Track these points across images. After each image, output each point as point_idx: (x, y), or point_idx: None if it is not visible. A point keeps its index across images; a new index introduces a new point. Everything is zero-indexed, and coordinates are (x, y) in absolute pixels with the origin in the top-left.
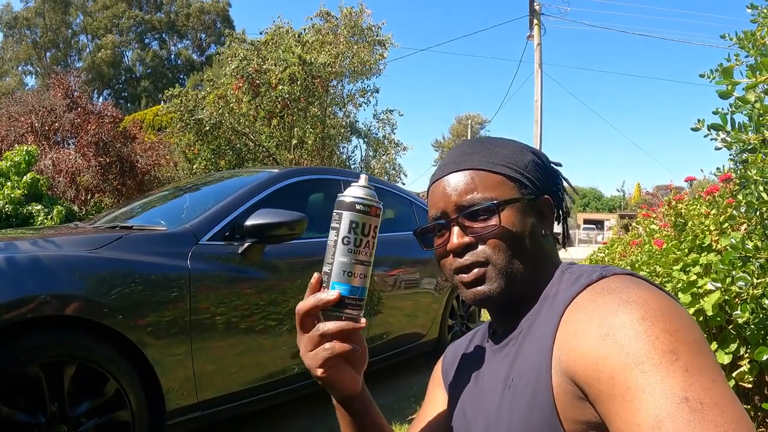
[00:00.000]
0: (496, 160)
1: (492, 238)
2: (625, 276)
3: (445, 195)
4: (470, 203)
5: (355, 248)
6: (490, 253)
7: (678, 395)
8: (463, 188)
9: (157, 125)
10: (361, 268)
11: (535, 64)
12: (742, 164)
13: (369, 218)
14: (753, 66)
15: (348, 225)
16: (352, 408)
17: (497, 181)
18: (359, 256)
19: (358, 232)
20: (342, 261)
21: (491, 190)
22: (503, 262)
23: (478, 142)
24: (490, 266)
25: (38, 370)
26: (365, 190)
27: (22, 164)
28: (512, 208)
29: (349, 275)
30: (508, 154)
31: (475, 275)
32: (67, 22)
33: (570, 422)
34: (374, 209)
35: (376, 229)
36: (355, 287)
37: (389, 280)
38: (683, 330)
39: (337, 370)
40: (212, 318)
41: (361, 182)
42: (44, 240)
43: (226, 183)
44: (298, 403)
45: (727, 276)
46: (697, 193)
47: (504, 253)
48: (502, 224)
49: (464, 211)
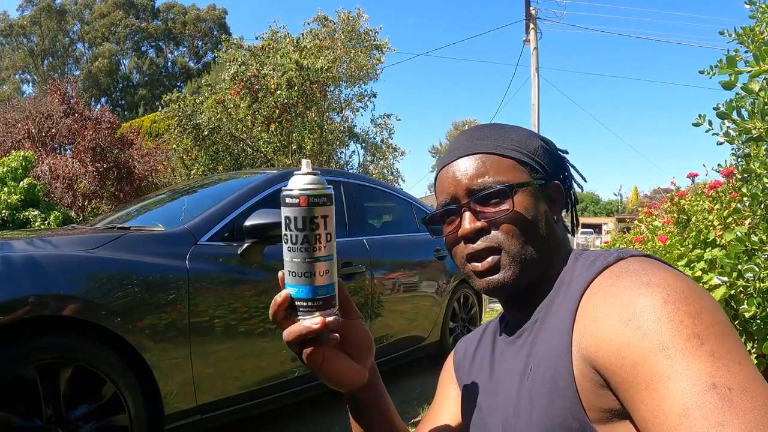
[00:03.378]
0: (507, 144)
1: (505, 223)
2: (643, 258)
3: (455, 180)
4: (482, 187)
5: (294, 245)
6: (503, 238)
7: (705, 381)
8: (473, 172)
9: (154, 132)
10: (303, 266)
11: (532, 68)
12: (744, 158)
13: (302, 210)
14: (757, 55)
15: (284, 221)
16: (358, 401)
17: (508, 164)
18: (300, 253)
19: (293, 227)
20: (286, 260)
21: (503, 174)
22: (517, 247)
23: (486, 128)
24: (503, 253)
25: (34, 373)
26: (300, 179)
27: (19, 170)
28: (524, 192)
29: (296, 275)
30: (518, 139)
31: (489, 264)
32: (64, 30)
33: (593, 410)
34: (304, 199)
35: (318, 220)
36: (305, 287)
37: (389, 283)
38: (707, 312)
39: (330, 365)
40: (211, 320)
41: (302, 170)
42: (40, 240)
43: (224, 185)
44: (299, 407)
45: (733, 270)
46: (699, 189)
47: (518, 238)
48: (516, 208)
49: (476, 196)
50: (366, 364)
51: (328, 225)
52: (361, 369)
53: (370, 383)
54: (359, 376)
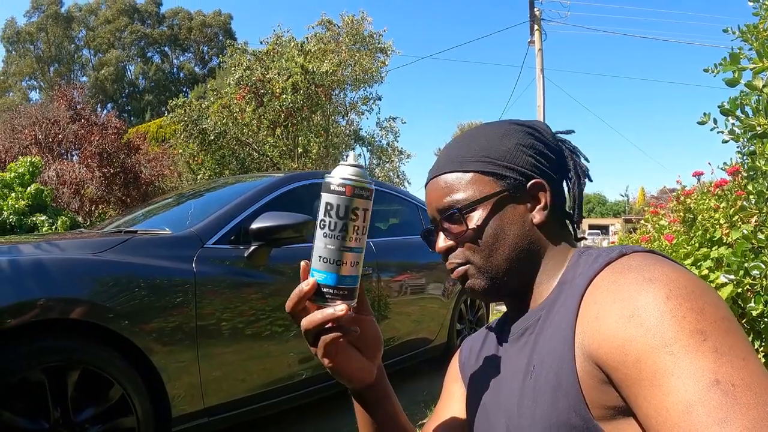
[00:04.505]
0: (470, 156)
1: (466, 241)
2: (646, 253)
3: (429, 200)
4: (445, 207)
5: (331, 232)
6: (469, 254)
7: (708, 378)
8: (440, 193)
9: (160, 137)
10: (336, 253)
11: (537, 69)
12: (749, 156)
13: (345, 199)
14: (760, 52)
15: (324, 207)
16: (365, 399)
17: (468, 180)
18: (335, 240)
19: (333, 214)
20: (318, 246)
21: (463, 191)
22: (480, 261)
23: (458, 140)
24: (470, 266)
25: (41, 375)
26: (345, 169)
27: (26, 175)
28: (485, 205)
29: (326, 261)
30: (484, 146)
31: (458, 274)
32: (70, 36)
33: (597, 408)
34: (349, 189)
35: (359, 212)
36: (332, 274)
37: (396, 286)
38: (710, 307)
39: (342, 359)
40: (218, 322)
41: (348, 161)
42: (48, 243)
43: (230, 188)
44: (305, 409)
45: (740, 268)
46: (705, 188)
47: (479, 254)
48: (472, 227)
49: (443, 215)
50: (375, 361)
51: (365, 218)
52: (371, 366)
53: (377, 381)
54: (368, 373)
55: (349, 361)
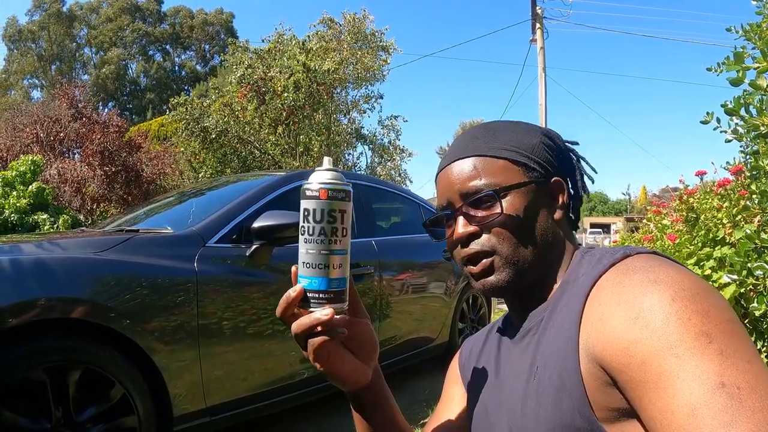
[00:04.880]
0: (500, 145)
1: (496, 226)
2: (651, 254)
3: (449, 184)
4: (473, 191)
5: (311, 237)
6: (495, 241)
7: (714, 381)
8: (465, 176)
9: (162, 135)
10: (318, 257)
11: (539, 67)
12: (753, 155)
13: (321, 202)
14: (764, 51)
15: (302, 213)
16: (361, 401)
17: (500, 166)
18: (315, 244)
19: (311, 219)
20: (301, 252)
21: (494, 176)
22: (509, 250)
23: (482, 128)
24: (496, 256)
25: (43, 375)
26: (321, 174)
27: (28, 174)
28: (517, 193)
29: (309, 266)
30: (513, 137)
31: (482, 266)
32: (72, 35)
33: (601, 409)
34: (324, 192)
35: (336, 214)
36: (317, 279)
37: (398, 284)
38: (715, 310)
39: (335, 362)
40: (220, 321)
41: (323, 166)
42: (49, 243)
43: (232, 187)
44: (306, 409)
45: (742, 268)
46: (708, 187)
47: (509, 241)
48: (506, 211)
49: (468, 200)
50: (370, 363)
51: (344, 220)
52: (365, 368)
53: (373, 383)
54: (362, 375)
55: (342, 364)
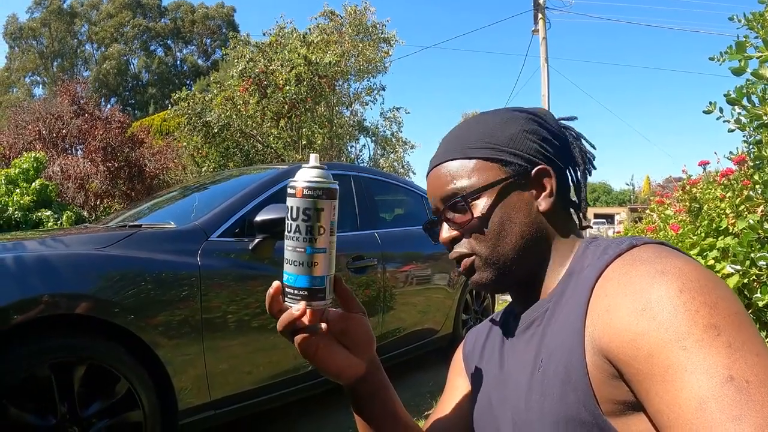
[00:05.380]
0: (471, 143)
1: (471, 231)
2: (657, 245)
3: (432, 189)
4: (449, 196)
5: (292, 234)
6: (474, 244)
7: (722, 374)
8: (442, 181)
9: (164, 130)
10: (295, 254)
11: (541, 58)
12: (756, 145)
13: (296, 200)
14: (767, 40)
15: (287, 211)
16: (357, 393)
17: (473, 166)
18: (293, 242)
19: (292, 217)
20: (285, 248)
21: (467, 178)
22: (486, 251)
23: (458, 128)
24: (475, 257)
25: (48, 371)
26: (301, 172)
27: (31, 171)
28: (490, 192)
29: (290, 263)
30: (486, 132)
31: (464, 266)
32: (73, 31)
33: (607, 402)
34: (300, 190)
35: (318, 212)
36: (297, 276)
37: (401, 276)
38: (723, 302)
39: (324, 356)
40: (224, 315)
41: (309, 163)
42: (52, 239)
43: (234, 181)
44: (309, 402)
45: (746, 258)
46: (711, 177)
47: (485, 243)
48: (476, 215)
49: (446, 204)
50: (364, 357)
51: (323, 218)
52: (358, 362)
53: (369, 376)
54: (355, 369)
55: (333, 358)
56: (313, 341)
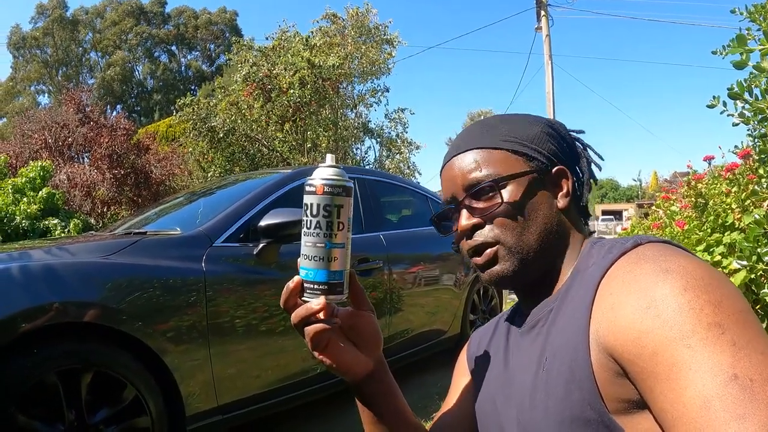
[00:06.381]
0: (499, 136)
1: (498, 217)
2: (661, 244)
3: (451, 178)
4: (474, 182)
5: (310, 230)
6: (498, 232)
7: (727, 372)
8: (466, 169)
9: (170, 136)
10: (315, 249)
11: (545, 55)
12: (760, 139)
13: (316, 197)
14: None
15: (304, 207)
16: (363, 391)
17: (499, 157)
18: (312, 237)
19: (310, 213)
20: (302, 244)
21: (494, 167)
22: (512, 240)
23: (482, 122)
24: (500, 246)
25: (55, 378)
26: (319, 170)
27: (38, 180)
28: (518, 182)
29: (308, 258)
30: (512, 129)
31: (486, 257)
32: (77, 39)
33: (612, 401)
34: (320, 188)
35: (335, 209)
36: (315, 270)
37: (408, 278)
38: (727, 300)
39: (333, 352)
40: (230, 320)
41: (325, 162)
42: (58, 248)
43: (239, 185)
44: (317, 405)
45: (752, 254)
46: (716, 172)
47: (512, 230)
48: (506, 201)
49: (469, 192)
50: (372, 355)
51: (342, 215)
52: (365, 359)
53: (376, 374)
54: (363, 366)
55: (342, 355)
56: (325, 335)
